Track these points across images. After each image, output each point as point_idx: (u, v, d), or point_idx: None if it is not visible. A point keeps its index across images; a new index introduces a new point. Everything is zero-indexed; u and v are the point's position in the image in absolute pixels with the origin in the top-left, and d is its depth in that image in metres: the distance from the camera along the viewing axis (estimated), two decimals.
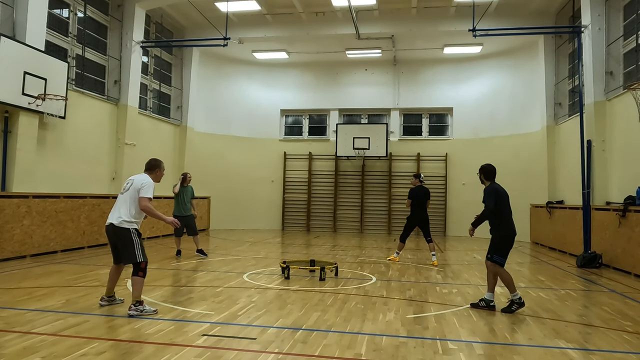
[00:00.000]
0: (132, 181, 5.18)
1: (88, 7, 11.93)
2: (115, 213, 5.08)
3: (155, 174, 5.40)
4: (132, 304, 4.92)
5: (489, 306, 5.67)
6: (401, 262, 9.73)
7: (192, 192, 9.95)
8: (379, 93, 17.63)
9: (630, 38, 10.33)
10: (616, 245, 9.09)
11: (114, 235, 5.09)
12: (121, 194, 5.18)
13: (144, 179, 5.20)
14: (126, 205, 5.06)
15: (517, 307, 5.50)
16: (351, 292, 6.52)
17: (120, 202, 5.12)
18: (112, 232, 5.08)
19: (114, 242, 5.16)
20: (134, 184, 5.14)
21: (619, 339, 4.55)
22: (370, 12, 14.46)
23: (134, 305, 4.90)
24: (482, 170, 6.02)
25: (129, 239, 5.01)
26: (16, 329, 4.33)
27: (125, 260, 5.10)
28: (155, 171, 5.43)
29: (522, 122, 15.47)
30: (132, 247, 5.00)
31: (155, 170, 5.42)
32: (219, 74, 17.61)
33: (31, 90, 9.33)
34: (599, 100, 10.83)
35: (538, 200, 14.12)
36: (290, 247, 12.42)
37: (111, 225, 5.05)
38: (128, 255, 5.03)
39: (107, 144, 12.41)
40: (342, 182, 17.57)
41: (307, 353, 3.92)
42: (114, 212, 5.10)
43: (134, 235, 5.03)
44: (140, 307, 4.92)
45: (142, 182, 5.14)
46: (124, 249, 5.06)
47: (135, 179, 5.19)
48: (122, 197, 5.13)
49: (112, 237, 5.13)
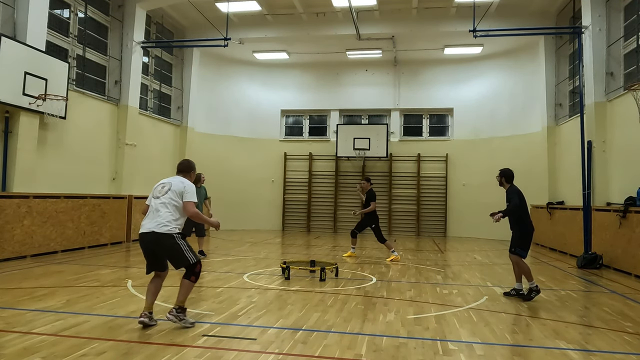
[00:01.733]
0: (170, 184, 4.73)
1: (89, 8, 11.94)
2: (154, 219, 4.60)
3: (190, 176, 5.03)
4: (174, 308, 4.53)
5: (518, 294, 6.37)
6: (401, 262, 9.73)
7: (205, 192, 9.96)
8: (380, 93, 17.64)
9: (631, 39, 10.33)
10: (616, 246, 9.09)
11: (155, 243, 4.58)
12: (156, 198, 4.72)
13: (184, 182, 4.79)
14: (167, 210, 4.60)
15: (535, 294, 6.22)
16: (351, 292, 6.52)
17: (158, 207, 4.65)
18: (154, 240, 4.55)
19: (155, 251, 4.65)
20: (174, 188, 4.70)
21: (619, 339, 4.54)
22: (371, 13, 14.46)
23: (175, 310, 4.51)
24: (504, 174, 6.64)
25: (175, 244, 4.57)
26: (16, 329, 4.33)
27: (177, 265, 4.65)
28: (191, 173, 5.07)
29: (522, 123, 15.46)
30: (180, 250, 4.57)
31: (190, 172, 5.07)
32: (219, 75, 17.63)
33: (32, 90, 9.33)
34: (599, 101, 10.83)
35: (538, 201, 14.11)
36: (290, 247, 12.42)
37: (152, 233, 4.53)
38: (179, 260, 4.60)
39: (108, 144, 12.41)
40: (343, 182, 17.57)
41: (307, 353, 3.92)
42: (153, 219, 4.60)
43: (178, 239, 4.60)
44: (182, 314, 4.53)
45: (184, 186, 4.73)
46: (172, 256, 4.63)
47: (173, 183, 4.75)
48: (159, 202, 4.67)
49: (152, 245, 4.61)
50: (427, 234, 16.72)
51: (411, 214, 16.98)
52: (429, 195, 16.95)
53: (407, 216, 17.03)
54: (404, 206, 17.10)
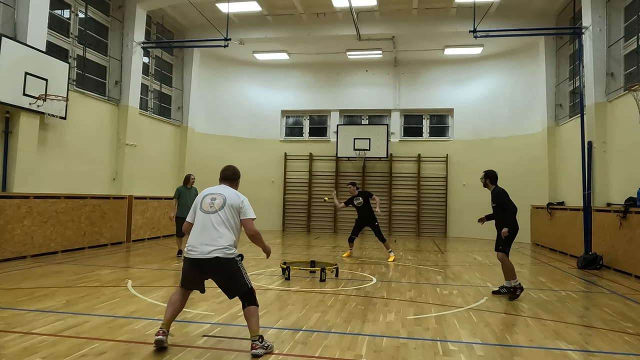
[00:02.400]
0: (224, 197, 4.04)
1: (89, 8, 11.94)
2: (214, 240, 3.88)
3: (236, 185, 4.34)
4: (256, 341, 3.83)
5: (509, 291, 6.42)
6: (402, 263, 9.73)
7: (196, 193, 9.85)
8: (380, 94, 17.64)
9: (631, 39, 10.33)
10: (617, 247, 9.08)
11: (215, 271, 3.94)
12: (210, 213, 4.00)
13: (238, 194, 4.15)
14: (226, 229, 3.95)
15: (520, 292, 6.32)
16: (351, 293, 6.52)
17: (215, 225, 3.94)
18: (216, 266, 3.88)
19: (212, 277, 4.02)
20: (230, 202, 4.03)
21: (619, 340, 4.54)
22: (371, 13, 14.47)
23: (259, 342, 3.83)
24: (489, 175, 6.71)
25: (237, 269, 3.94)
26: (16, 330, 4.32)
27: (234, 294, 4.02)
28: (237, 182, 4.37)
29: (522, 123, 15.46)
30: (239, 275, 3.95)
31: (237, 180, 4.37)
32: (219, 75, 17.63)
33: (32, 90, 9.34)
34: (599, 102, 10.83)
35: (538, 202, 14.11)
36: (290, 247, 12.42)
37: (216, 259, 3.84)
38: (237, 286, 3.96)
39: (108, 144, 12.41)
40: (343, 183, 17.52)
41: (307, 354, 3.91)
42: (212, 239, 3.89)
43: (239, 263, 3.99)
44: (265, 342, 3.90)
45: (241, 200, 4.09)
46: (230, 281, 3.98)
47: (227, 196, 4.06)
48: (215, 217, 3.97)
49: (210, 273, 3.97)
50: (427, 234, 16.72)
51: (411, 214, 16.98)
52: (429, 196, 16.95)
53: (407, 217, 17.03)
54: (404, 206, 17.09)
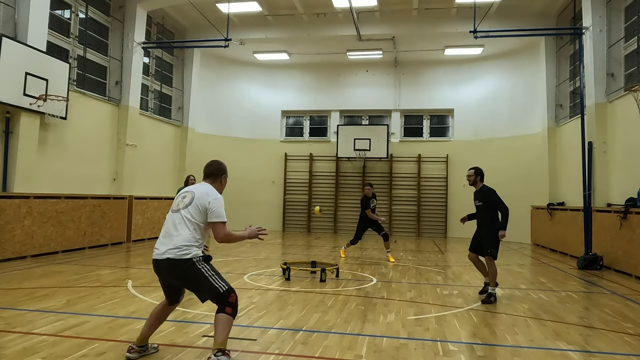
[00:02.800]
0: (192, 194, 3.68)
1: (89, 8, 11.95)
2: (167, 241, 3.56)
3: (219, 183, 3.92)
4: (213, 354, 3.40)
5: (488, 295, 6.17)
6: (402, 263, 9.73)
7: None
8: (380, 94, 17.64)
9: (632, 40, 10.33)
10: (617, 247, 9.08)
11: (171, 273, 3.55)
12: (174, 212, 3.68)
13: (210, 192, 3.71)
14: (185, 228, 3.57)
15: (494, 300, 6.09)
16: (352, 293, 6.52)
17: (174, 224, 3.61)
18: (169, 268, 3.52)
19: (172, 281, 3.67)
20: (197, 199, 3.65)
21: (620, 341, 4.54)
22: (371, 14, 14.47)
23: (214, 356, 3.38)
24: (480, 172, 6.59)
25: (196, 271, 3.51)
26: (17, 330, 4.33)
27: (205, 298, 3.62)
28: (221, 178, 3.95)
29: (523, 124, 15.46)
30: (204, 279, 3.51)
31: (221, 177, 3.95)
32: (219, 75, 17.64)
33: (32, 91, 9.35)
34: (600, 102, 10.83)
35: (539, 202, 14.11)
36: (290, 248, 12.43)
37: (167, 260, 3.49)
38: (206, 291, 3.55)
39: (108, 144, 12.42)
40: (343, 183, 17.57)
41: (307, 354, 3.91)
42: (167, 240, 3.57)
43: (200, 264, 3.54)
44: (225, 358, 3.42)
45: (209, 199, 3.64)
46: (195, 287, 3.59)
47: (196, 192, 3.69)
48: (177, 216, 3.63)
49: (168, 275, 3.59)
50: (427, 234, 16.72)
51: (412, 214, 16.98)
52: (430, 196, 16.95)
53: (408, 217, 17.03)
54: (404, 207, 17.09)
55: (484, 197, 6.41)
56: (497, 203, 6.28)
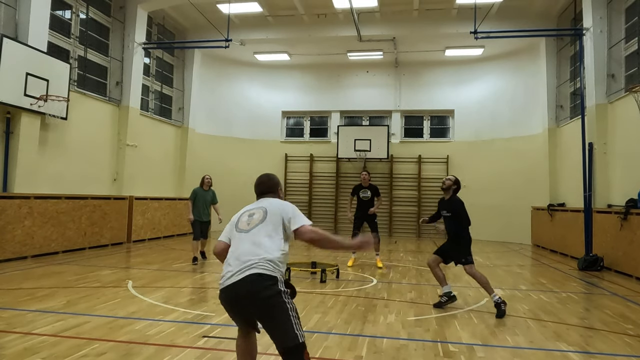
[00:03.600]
0: (264, 209, 3.11)
1: (90, 9, 11.95)
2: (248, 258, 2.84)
3: (279, 197, 3.41)
4: None
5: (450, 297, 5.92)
6: (402, 264, 9.72)
7: (213, 197, 9.32)
8: (381, 95, 17.64)
9: (632, 41, 10.32)
10: (617, 248, 9.07)
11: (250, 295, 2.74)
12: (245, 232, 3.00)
13: (281, 202, 3.24)
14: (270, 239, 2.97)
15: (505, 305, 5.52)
16: (352, 294, 6.52)
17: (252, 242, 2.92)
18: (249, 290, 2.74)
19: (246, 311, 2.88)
20: (274, 209, 3.09)
21: (620, 342, 4.54)
22: (372, 14, 14.47)
23: None
24: (458, 183, 6.34)
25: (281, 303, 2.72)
26: (17, 330, 4.33)
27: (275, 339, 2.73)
28: (279, 192, 3.45)
29: (523, 125, 15.45)
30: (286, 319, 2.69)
31: (278, 190, 3.46)
32: (220, 76, 17.64)
33: (33, 91, 9.35)
34: (600, 103, 10.82)
35: (539, 203, 14.10)
36: (291, 248, 12.28)
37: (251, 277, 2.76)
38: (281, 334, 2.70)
39: (109, 145, 12.42)
40: (343, 183, 17.56)
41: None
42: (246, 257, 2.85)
43: (286, 296, 2.77)
44: None
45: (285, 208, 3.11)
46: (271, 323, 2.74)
47: (268, 206, 3.13)
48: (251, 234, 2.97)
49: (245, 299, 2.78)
50: (427, 235, 16.71)
51: (412, 215, 16.97)
52: (430, 197, 16.92)
53: (408, 217, 17.02)
54: (404, 207, 17.08)
55: (455, 207, 6.13)
56: (462, 214, 6.06)
